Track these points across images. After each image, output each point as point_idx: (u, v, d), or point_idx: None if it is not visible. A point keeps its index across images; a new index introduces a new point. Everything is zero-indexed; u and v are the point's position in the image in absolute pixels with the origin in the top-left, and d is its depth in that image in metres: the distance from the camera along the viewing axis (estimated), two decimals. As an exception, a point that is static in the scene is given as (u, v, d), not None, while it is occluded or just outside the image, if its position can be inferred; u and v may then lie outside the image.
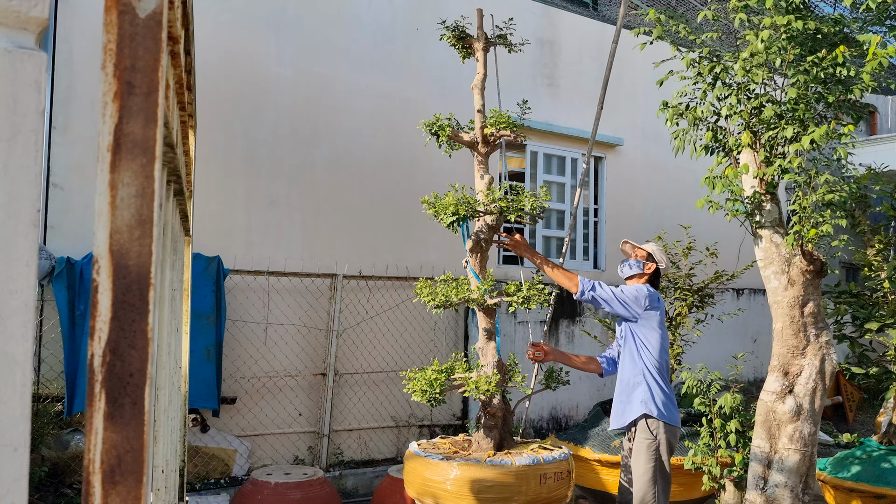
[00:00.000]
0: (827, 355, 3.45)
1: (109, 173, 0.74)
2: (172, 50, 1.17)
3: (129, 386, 0.73)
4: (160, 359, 1.35)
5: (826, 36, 3.22)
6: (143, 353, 0.73)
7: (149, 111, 0.75)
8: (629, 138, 8.82)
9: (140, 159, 0.74)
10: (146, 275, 0.74)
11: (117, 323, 0.73)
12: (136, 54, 0.75)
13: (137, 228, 0.74)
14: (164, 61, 0.77)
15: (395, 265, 6.95)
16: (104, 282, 0.73)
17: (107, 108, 0.74)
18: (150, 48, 0.75)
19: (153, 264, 0.74)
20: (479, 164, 4.31)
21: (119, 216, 0.73)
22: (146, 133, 0.75)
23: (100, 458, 0.72)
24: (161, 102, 0.76)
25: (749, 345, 9.54)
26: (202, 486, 5.72)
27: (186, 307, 2.62)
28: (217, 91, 6.24)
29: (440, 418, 7.22)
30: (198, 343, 5.51)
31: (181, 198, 1.57)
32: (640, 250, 4.22)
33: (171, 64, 1.22)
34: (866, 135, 12.25)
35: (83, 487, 0.72)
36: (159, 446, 1.34)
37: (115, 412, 0.73)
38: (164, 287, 1.37)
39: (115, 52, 0.74)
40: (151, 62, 0.75)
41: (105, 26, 0.75)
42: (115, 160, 0.74)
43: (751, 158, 3.57)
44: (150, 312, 0.74)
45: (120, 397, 0.73)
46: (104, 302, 0.73)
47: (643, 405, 3.95)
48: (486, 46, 4.41)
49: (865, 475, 4.98)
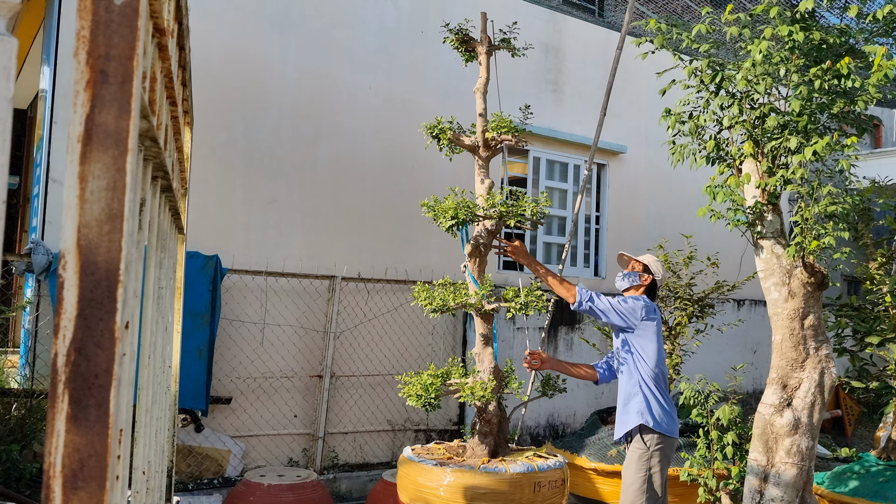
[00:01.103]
0: (826, 369, 3.41)
1: (79, 165, 0.71)
2: (160, 42, 1.15)
3: (95, 387, 0.70)
4: (143, 358, 1.32)
5: (831, 47, 3.19)
6: (109, 354, 0.70)
7: (123, 101, 0.72)
8: (632, 146, 8.80)
9: (112, 151, 0.71)
10: (115, 272, 0.71)
11: (83, 321, 0.70)
12: (110, 42, 0.72)
13: (107, 223, 0.71)
14: (141, 50, 0.74)
15: (394, 268, 6.92)
16: (70, 278, 0.70)
17: (78, 97, 0.71)
18: (125, 36, 0.72)
19: (123, 261, 0.71)
20: (480, 169, 4.28)
21: (88, 210, 0.70)
22: (119, 124, 0.72)
23: (61, 463, 0.69)
24: (136, 93, 0.73)
25: (749, 356, 9.49)
26: (195, 486, 5.69)
27: (179, 306, 2.59)
28: (219, 89, 6.22)
29: (436, 423, 7.18)
30: (191, 342, 5.47)
31: (170, 194, 1.54)
32: (636, 262, 4.19)
33: (160, 57, 1.19)
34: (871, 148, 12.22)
35: (43, 492, 0.69)
36: (139, 447, 1.31)
37: (78, 414, 0.70)
38: (149, 285, 1.34)
39: (88, 40, 0.71)
40: (126, 50, 0.72)
41: (79, 13, 0.72)
42: (86, 151, 0.71)
43: (753, 168, 3.53)
44: (118, 311, 0.71)
45: (84, 399, 0.70)
46: (70, 299, 0.70)
47: (639, 416, 3.92)
48: (490, 50, 4.39)
49: (863, 490, 4.93)
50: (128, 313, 1.03)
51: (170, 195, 1.56)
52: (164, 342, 1.93)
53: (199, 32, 6.12)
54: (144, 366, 1.31)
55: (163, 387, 1.94)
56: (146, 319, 1.33)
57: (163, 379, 1.96)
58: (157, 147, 1.10)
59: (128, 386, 1.16)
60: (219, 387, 6.01)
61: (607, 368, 4.33)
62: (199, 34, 6.11)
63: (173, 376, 2.59)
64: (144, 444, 1.43)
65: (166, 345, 2.00)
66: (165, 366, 2.06)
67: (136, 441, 1.31)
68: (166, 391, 2.22)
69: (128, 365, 1.16)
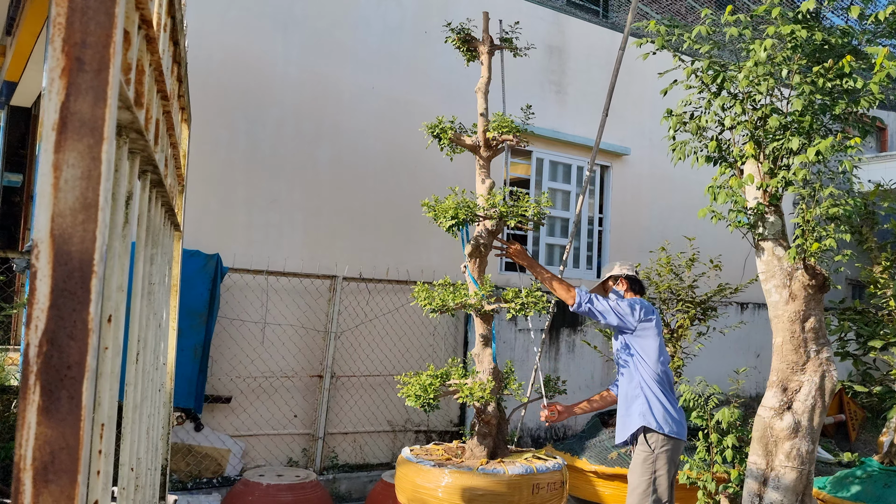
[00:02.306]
0: (827, 372, 3.38)
1: (53, 154, 0.70)
2: (148, 34, 1.14)
3: (67, 379, 0.69)
4: (130, 353, 1.31)
5: (834, 47, 3.16)
6: (82, 345, 0.69)
7: (99, 89, 0.71)
8: (636, 148, 8.77)
9: (87, 140, 0.70)
10: (89, 262, 0.70)
11: (56, 311, 0.69)
12: (87, 29, 0.71)
13: (81, 212, 0.70)
14: (119, 38, 0.73)
15: (395, 268, 6.91)
16: (43, 268, 0.69)
17: (53, 84, 0.70)
18: (102, 23, 0.71)
19: (97, 251, 0.70)
20: (481, 169, 4.27)
21: (62, 199, 0.69)
22: (95, 112, 0.71)
23: (31, 455, 0.68)
24: (113, 81, 0.72)
25: (752, 359, 9.45)
26: (194, 485, 5.68)
27: (175, 303, 2.59)
28: (221, 88, 6.22)
29: (437, 424, 7.16)
30: (188, 341, 5.46)
31: (162, 189, 1.53)
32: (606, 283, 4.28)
33: (148, 49, 1.18)
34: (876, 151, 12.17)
35: (13, 485, 0.68)
36: (126, 443, 1.30)
37: (50, 406, 0.68)
38: (137, 280, 1.33)
39: (64, 27, 0.70)
40: (103, 38, 0.71)
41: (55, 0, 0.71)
42: (60, 140, 0.70)
43: (754, 169, 3.51)
44: (91, 302, 0.70)
45: (56, 391, 0.69)
46: (42, 289, 0.69)
47: (641, 418, 3.90)
48: (491, 50, 4.37)
49: (865, 495, 4.90)
50: (110, 306, 1.02)
51: (161, 190, 1.55)
52: (158, 339, 1.92)
53: (202, 31, 6.12)
54: (132, 361, 1.30)
55: (155, 384, 1.93)
56: (134, 314, 1.32)
57: (155, 376, 1.95)
58: (143, 140, 1.09)
59: (111, 380, 1.15)
60: (219, 386, 6.01)
61: None
62: (202, 33, 6.12)
63: (168, 374, 2.58)
64: (132, 441, 1.42)
65: (159, 342, 1.99)
66: (159, 363, 2.05)
67: (122, 437, 1.30)
68: (160, 388, 2.21)
69: (111, 359, 1.15)
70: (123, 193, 1.03)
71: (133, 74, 1.09)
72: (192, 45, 6.06)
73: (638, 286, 4.26)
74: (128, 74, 1.02)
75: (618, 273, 4.25)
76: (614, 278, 4.27)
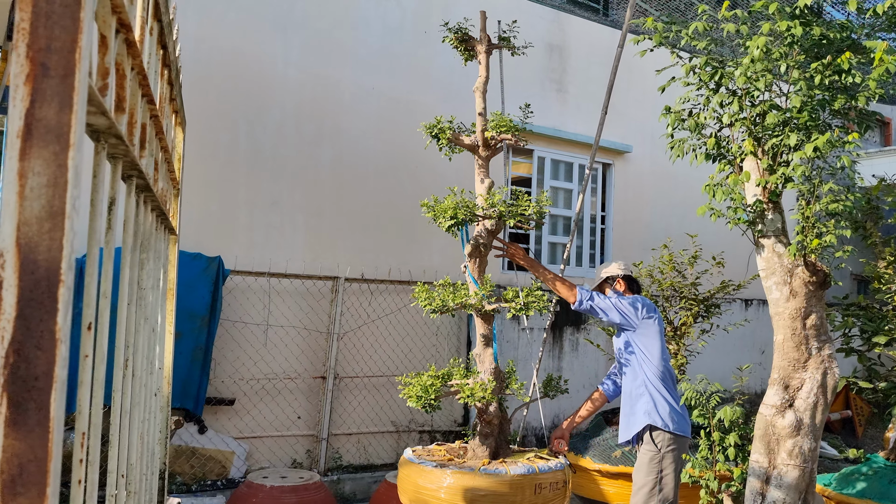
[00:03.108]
0: (829, 369, 3.36)
1: (19, 161, 0.69)
2: (127, 38, 1.13)
3: (35, 390, 0.68)
4: (117, 360, 1.30)
5: (832, 42, 3.14)
6: (50, 355, 0.68)
7: (64, 95, 0.70)
8: (638, 145, 8.74)
9: (53, 147, 0.69)
10: (56, 271, 0.69)
11: (23, 322, 0.68)
12: (51, 34, 0.70)
13: (48, 221, 0.69)
14: (86, 43, 0.72)
15: (397, 269, 6.90)
16: (9, 277, 0.68)
17: (17, 91, 0.69)
18: (67, 28, 0.70)
19: (65, 259, 0.69)
20: (480, 168, 4.25)
21: (28, 207, 0.68)
22: (61, 119, 0.70)
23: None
24: (80, 87, 0.71)
25: (757, 356, 9.41)
26: (199, 487, 5.69)
27: (171, 307, 2.58)
28: (221, 90, 6.22)
29: (441, 424, 7.15)
30: (190, 344, 5.47)
31: (150, 194, 1.52)
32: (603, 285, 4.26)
33: (129, 53, 1.17)
34: (881, 146, 12.10)
35: (-20, 499, 0.67)
36: (114, 450, 1.29)
37: (17, 418, 0.67)
38: (124, 285, 1.32)
39: (28, 32, 0.69)
40: (69, 43, 0.70)
41: (19, 3, 0.70)
42: (25, 147, 0.69)
43: (754, 166, 3.49)
44: (59, 311, 0.69)
45: (24, 402, 0.68)
46: (9, 299, 0.67)
47: (647, 416, 3.88)
48: (489, 49, 4.36)
49: (871, 492, 4.87)
50: (90, 314, 1.01)
51: (150, 195, 1.54)
52: (151, 344, 1.92)
53: (201, 34, 6.12)
54: (119, 367, 1.29)
55: (149, 389, 1.92)
56: (121, 320, 1.31)
57: (149, 381, 1.94)
58: (124, 145, 1.08)
59: (96, 388, 1.14)
60: (222, 388, 6.01)
61: (611, 384, 4.33)
62: (201, 35, 6.12)
63: (166, 378, 2.58)
64: (122, 447, 1.41)
65: (154, 347, 1.98)
66: (154, 368, 2.04)
67: (110, 444, 1.29)
68: (156, 393, 2.20)
69: (97, 367, 1.14)
70: (103, 199, 1.02)
71: (113, 79, 1.08)
72: (192, 47, 6.06)
73: (635, 285, 4.25)
74: (105, 79, 1.01)
75: (615, 273, 4.24)
76: (611, 279, 4.25)
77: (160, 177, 1.89)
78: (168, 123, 2.16)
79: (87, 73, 0.75)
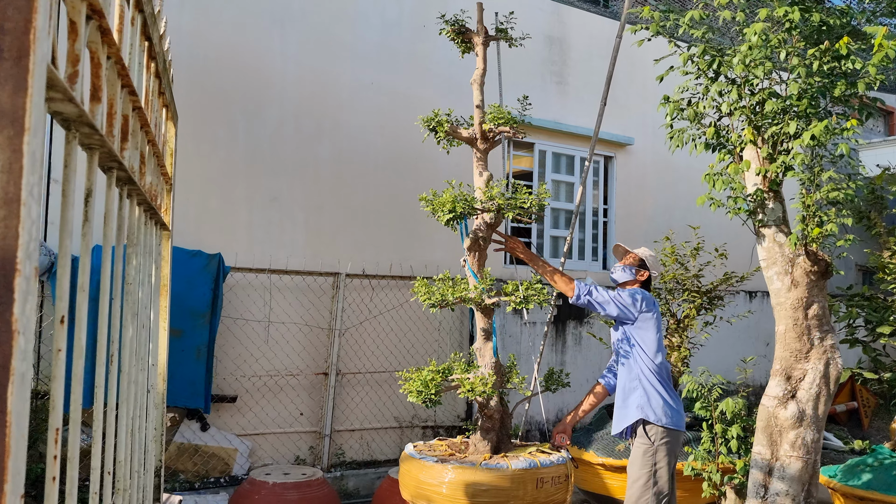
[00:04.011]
0: (832, 360, 3.32)
1: (-29, 147, 0.66)
2: (101, 25, 1.10)
3: (-10, 384, 0.66)
4: (100, 356, 1.28)
5: (832, 28, 3.10)
6: (6, 348, 0.66)
7: (19, 78, 0.67)
8: (639, 138, 8.69)
9: (7, 131, 0.67)
10: (11, 260, 0.66)
11: (-23, 314, 0.65)
12: (4, 14, 0.67)
13: (3, 208, 0.66)
14: (43, 24, 0.69)
15: (398, 264, 6.88)
16: (-37, 267, 0.65)
17: (-31, 74, 0.66)
18: (21, 8, 0.68)
19: (21, 248, 0.67)
20: (478, 161, 4.22)
21: (-19, 194, 0.66)
22: (15, 102, 0.67)
23: (-46, 464, 0.64)
24: (36, 70, 0.69)
25: (762, 348, 9.37)
26: (202, 484, 5.68)
27: (165, 304, 2.56)
28: (219, 86, 6.20)
29: (444, 419, 7.13)
30: (192, 341, 5.45)
31: (135, 187, 1.49)
32: (631, 255, 4.16)
33: (104, 41, 1.14)
34: (884, 135, 12.02)
35: (-65, 496, 0.65)
36: (97, 447, 1.27)
37: (-27, 413, 0.65)
38: (105, 279, 1.30)
39: (-21, 13, 0.67)
40: (22, 24, 0.68)
41: (-30, -16, 0.67)
42: (-22, 132, 0.66)
43: (753, 155, 3.45)
44: (16, 302, 0.66)
45: (-21, 396, 0.65)
46: (-38, 290, 0.65)
47: (639, 410, 3.87)
48: (486, 41, 4.32)
49: (876, 483, 4.83)
50: (62, 307, 0.99)
51: (134, 188, 1.52)
52: (141, 340, 1.90)
53: (198, 29, 6.10)
54: (101, 363, 1.27)
55: (140, 385, 1.90)
56: (103, 315, 1.29)
57: (140, 377, 1.92)
58: (98, 135, 1.05)
59: (74, 383, 1.12)
60: (224, 385, 6.00)
61: (612, 377, 4.29)
62: (198, 31, 6.10)
63: (160, 375, 2.56)
64: (109, 444, 1.39)
65: (144, 343, 1.96)
66: (145, 364, 2.02)
67: (93, 441, 1.27)
68: (149, 390, 2.19)
69: (74, 362, 1.12)
70: (74, 190, 1.00)
71: (87, 67, 1.06)
72: (189, 42, 6.04)
73: (648, 284, 4.18)
74: (76, 66, 0.98)
75: (650, 265, 4.14)
76: (641, 264, 4.15)
77: (148, 171, 1.86)
78: (157, 117, 2.13)
79: (46, 57, 0.73)
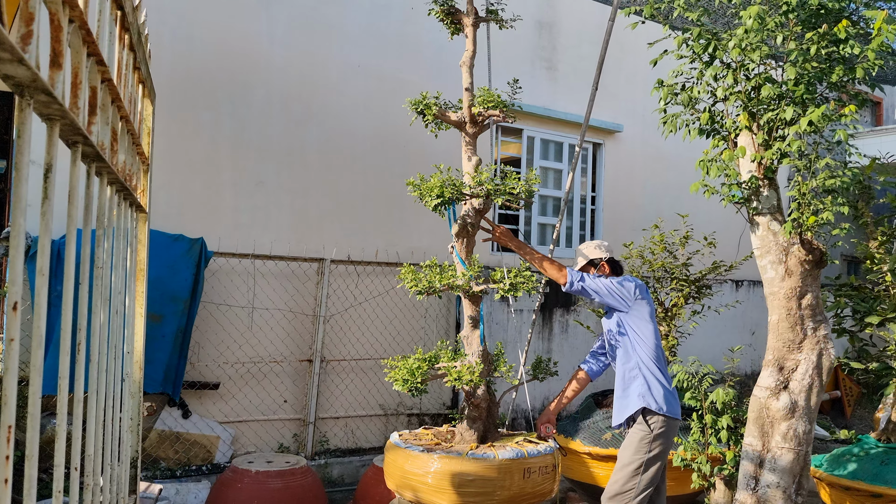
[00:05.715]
0: (825, 350, 3.28)
1: None
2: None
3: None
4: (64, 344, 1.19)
5: (831, 12, 3.04)
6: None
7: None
8: (629, 125, 8.63)
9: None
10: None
11: None
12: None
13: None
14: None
15: (385, 250, 6.79)
16: None
17: None
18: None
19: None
20: (467, 146, 4.14)
21: None
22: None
23: None
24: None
25: (748, 337, 9.38)
26: (183, 472, 5.60)
27: (142, 289, 2.47)
28: (204, 68, 6.06)
29: (430, 407, 7.08)
30: (170, 327, 5.34)
31: (104, 165, 1.40)
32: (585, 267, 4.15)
33: (65, 3, 1.05)
34: (871, 125, 12.04)
35: None
36: (60, 442, 1.18)
37: None
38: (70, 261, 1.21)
39: None
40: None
41: None
42: None
43: (749, 141, 3.39)
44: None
45: None
46: None
47: (641, 399, 3.82)
48: (476, 22, 4.23)
49: (862, 473, 4.83)
50: (14, 292, 0.90)
51: (104, 165, 1.42)
52: (113, 327, 1.80)
53: (184, 10, 5.95)
54: (65, 353, 1.18)
55: (113, 374, 1.81)
56: (67, 300, 1.20)
57: (114, 366, 1.83)
58: (57, 104, 0.96)
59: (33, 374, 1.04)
60: (206, 372, 5.91)
61: (594, 363, 4.27)
62: (184, 12, 5.95)
63: (137, 363, 2.47)
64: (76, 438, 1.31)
65: (118, 330, 1.87)
66: (118, 351, 1.93)
67: (57, 435, 1.18)
68: (124, 378, 2.10)
69: (34, 351, 1.03)
70: (28, 163, 0.91)
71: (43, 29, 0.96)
72: (174, 23, 5.89)
73: (619, 268, 4.16)
74: (30, 26, 0.89)
75: (598, 256, 4.11)
76: (595, 262, 4.13)
77: (121, 149, 1.77)
78: (132, 93, 2.03)
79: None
